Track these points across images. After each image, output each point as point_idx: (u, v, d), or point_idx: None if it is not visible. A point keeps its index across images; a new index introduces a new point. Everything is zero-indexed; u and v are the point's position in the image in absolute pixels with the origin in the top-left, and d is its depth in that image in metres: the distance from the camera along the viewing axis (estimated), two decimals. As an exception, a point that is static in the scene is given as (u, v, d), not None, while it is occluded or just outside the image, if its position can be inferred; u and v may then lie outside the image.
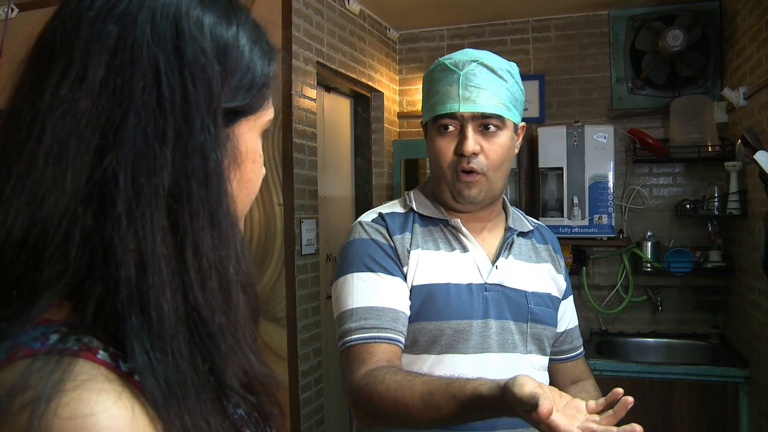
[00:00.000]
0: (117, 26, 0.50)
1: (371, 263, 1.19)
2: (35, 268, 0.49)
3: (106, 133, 0.49)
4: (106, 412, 0.45)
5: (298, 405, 2.53)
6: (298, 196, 2.55)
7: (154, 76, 0.50)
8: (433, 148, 1.24)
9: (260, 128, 0.61)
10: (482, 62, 1.19)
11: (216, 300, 0.52)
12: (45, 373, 0.45)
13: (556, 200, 3.21)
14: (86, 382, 0.45)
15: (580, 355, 1.41)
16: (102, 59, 0.50)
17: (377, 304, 1.16)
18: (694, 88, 3.16)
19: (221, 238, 0.52)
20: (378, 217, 1.26)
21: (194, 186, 0.51)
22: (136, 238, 0.48)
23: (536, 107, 3.46)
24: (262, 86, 0.59)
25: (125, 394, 0.47)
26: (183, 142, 0.50)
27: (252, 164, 0.60)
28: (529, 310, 1.24)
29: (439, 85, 1.21)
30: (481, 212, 1.27)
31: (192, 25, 0.53)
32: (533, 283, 1.27)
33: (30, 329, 0.48)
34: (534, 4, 3.27)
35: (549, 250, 1.36)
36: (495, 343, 1.19)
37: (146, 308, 0.48)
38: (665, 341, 3.19)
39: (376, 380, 1.06)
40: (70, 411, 0.44)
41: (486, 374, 1.14)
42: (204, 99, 0.52)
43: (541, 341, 1.26)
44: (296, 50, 2.53)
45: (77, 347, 0.48)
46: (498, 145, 1.20)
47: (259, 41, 0.59)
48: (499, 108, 1.19)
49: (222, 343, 0.52)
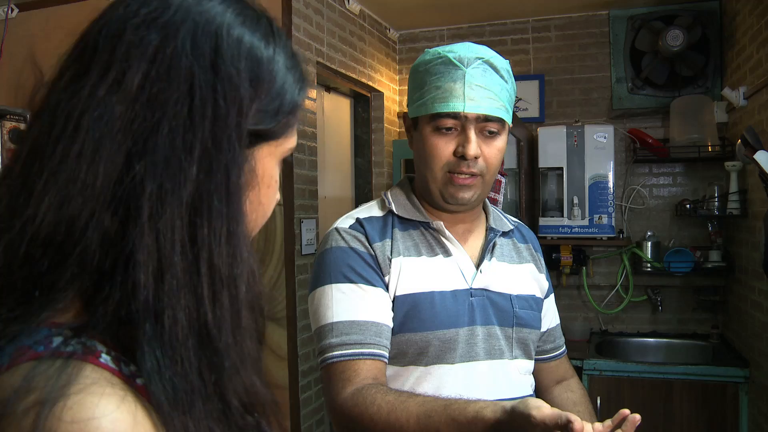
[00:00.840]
0: (159, 35, 0.51)
1: (351, 274, 1.13)
2: (59, 267, 0.49)
3: (138, 139, 0.49)
4: (109, 415, 0.45)
5: (298, 405, 2.53)
6: (298, 196, 2.55)
7: (188, 88, 0.51)
8: (427, 146, 1.16)
9: (280, 155, 0.61)
10: (488, 61, 1.13)
11: (224, 317, 0.52)
12: (49, 376, 0.45)
13: (556, 200, 3.21)
14: (89, 385, 0.46)
15: (563, 354, 1.39)
16: (141, 66, 0.50)
17: (359, 318, 1.10)
18: (694, 88, 3.16)
19: (236, 256, 0.53)
20: (356, 223, 1.19)
21: (215, 201, 0.51)
22: (156, 245, 0.49)
23: (536, 107, 3.46)
24: (289, 113, 0.59)
25: (128, 397, 0.47)
26: (209, 156, 0.51)
27: (267, 189, 0.60)
28: (514, 314, 1.20)
29: (439, 80, 1.13)
30: (465, 214, 1.23)
31: (231, 43, 0.53)
32: (517, 285, 1.24)
33: (34, 332, 0.48)
34: (534, 4, 3.27)
35: (530, 249, 1.33)
36: (482, 350, 1.16)
37: (160, 316, 0.49)
38: (665, 341, 3.19)
39: (366, 401, 1.01)
40: (73, 414, 0.44)
41: (474, 383, 1.14)
42: (233, 117, 0.52)
43: (527, 345, 1.23)
44: (296, 50, 2.53)
45: (81, 350, 0.48)
46: (497, 148, 1.17)
47: (294, 69, 0.60)
48: (500, 111, 1.14)
49: (226, 360, 0.52)
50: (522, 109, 3.45)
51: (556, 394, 1.33)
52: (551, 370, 1.36)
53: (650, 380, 2.71)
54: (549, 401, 1.33)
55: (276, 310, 2.48)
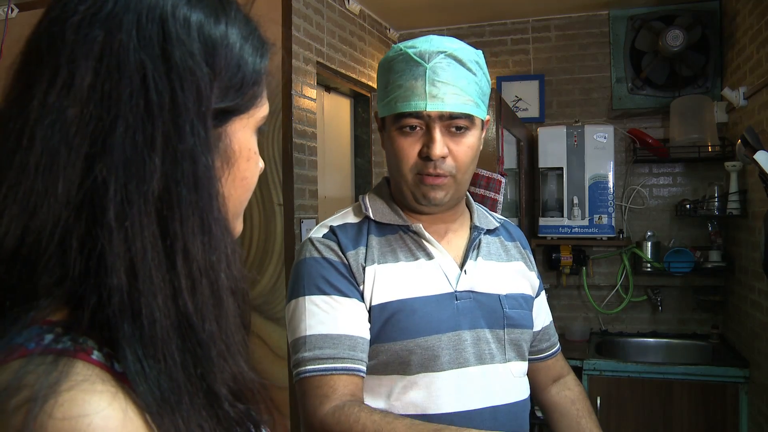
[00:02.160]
0: (102, 30, 0.49)
1: (324, 285, 1.09)
2: (29, 278, 0.49)
3: (95, 140, 0.48)
4: (100, 412, 0.45)
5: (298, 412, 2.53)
6: (298, 196, 2.55)
7: (141, 81, 0.49)
8: (393, 148, 1.11)
9: (254, 125, 0.60)
10: (450, 54, 1.07)
11: (206, 306, 0.51)
12: (40, 373, 0.45)
13: (556, 200, 3.21)
14: (81, 382, 0.45)
15: (558, 351, 1.36)
16: (89, 65, 0.49)
17: (332, 332, 1.06)
18: (694, 88, 3.16)
19: (212, 243, 0.52)
20: (329, 232, 1.15)
21: (184, 191, 0.50)
22: (126, 245, 0.48)
23: (536, 107, 3.46)
24: (254, 84, 0.57)
25: (119, 394, 0.47)
26: (172, 147, 0.50)
27: (246, 162, 0.59)
28: (504, 315, 1.16)
29: (401, 77, 1.08)
30: (445, 213, 1.18)
31: (179, 26, 0.51)
32: (506, 284, 1.19)
33: (25, 330, 0.48)
34: (534, 4, 3.27)
35: (518, 246, 1.28)
36: (472, 355, 1.11)
37: (138, 315, 0.48)
38: (665, 341, 3.19)
39: (350, 419, 0.98)
40: (65, 411, 0.44)
41: (466, 390, 1.10)
42: (193, 102, 0.51)
43: (520, 346, 1.18)
44: (296, 50, 2.53)
45: (72, 347, 0.47)
46: (467, 146, 1.10)
47: (250, 37, 0.57)
48: (468, 106, 1.07)
49: (212, 350, 0.51)
50: (522, 109, 3.45)
51: (554, 392, 1.32)
52: (547, 369, 1.33)
53: (650, 380, 2.71)
54: (547, 400, 1.32)
55: (276, 310, 2.48)
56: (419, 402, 1.09)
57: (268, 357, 2.46)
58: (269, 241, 2.49)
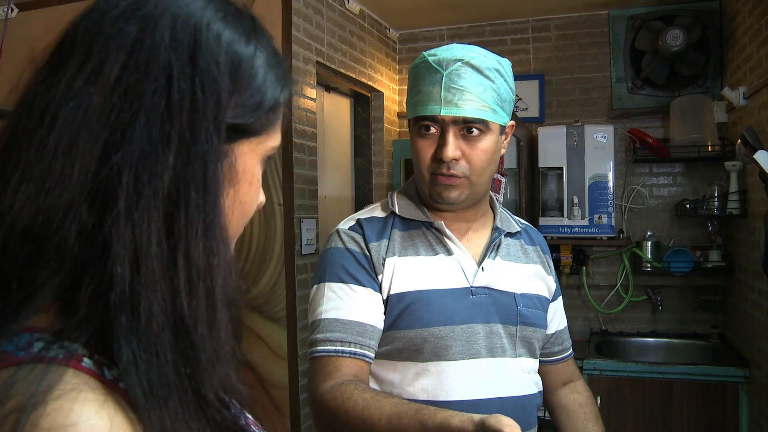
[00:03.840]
0: (138, 27, 0.51)
1: (343, 274, 1.17)
2: (37, 259, 0.49)
3: (115, 130, 0.49)
4: (87, 421, 0.45)
5: (298, 405, 2.53)
6: (298, 196, 2.55)
7: (166, 80, 0.51)
8: (413, 148, 1.20)
9: (262, 153, 0.60)
10: (468, 62, 1.13)
11: (200, 309, 0.52)
12: (29, 382, 0.45)
13: (556, 200, 3.21)
14: (69, 391, 0.45)
15: (570, 356, 1.40)
16: (119, 57, 0.50)
17: (344, 317, 1.14)
18: (694, 87, 3.16)
19: (212, 248, 0.52)
20: (356, 225, 1.24)
21: (192, 193, 0.51)
22: (132, 237, 0.48)
23: (536, 107, 3.46)
24: (270, 110, 0.59)
25: (108, 403, 0.47)
26: (186, 148, 0.51)
27: (248, 186, 0.59)
28: (518, 313, 1.21)
29: (421, 83, 1.16)
30: (466, 212, 1.24)
31: (210, 37, 0.53)
32: (522, 284, 1.24)
33: (15, 337, 0.48)
34: (534, 4, 3.27)
35: (538, 251, 1.33)
36: (483, 348, 1.16)
37: (136, 308, 0.48)
38: (665, 341, 3.19)
39: (344, 395, 1.05)
40: (51, 421, 0.44)
41: (475, 380, 1.15)
42: (211, 109, 0.52)
43: (531, 344, 1.23)
44: (296, 50, 2.53)
45: (62, 355, 0.47)
46: (481, 149, 1.15)
47: (276, 67, 0.59)
48: (482, 112, 1.13)
49: (202, 353, 0.52)
50: (522, 109, 3.45)
51: (562, 395, 1.35)
52: (558, 372, 1.37)
53: (650, 380, 2.71)
54: (555, 402, 1.35)
55: (276, 310, 2.48)
56: (430, 388, 1.14)
57: (268, 357, 2.46)
58: (269, 241, 2.49)
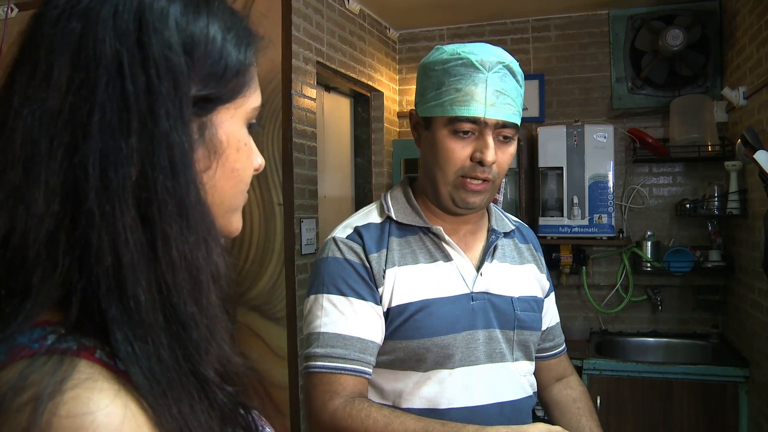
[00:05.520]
0: (80, 23, 0.50)
1: (343, 286, 1.14)
2: (21, 268, 0.49)
3: (74, 130, 0.49)
4: (103, 410, 0.45)
5: (298, 404, 2.53)
6: (298, 196, 2.55)
7: (117, 70, 0.50)
8: (442, 149, 1.13)
9: (244, 116, 0.60)
10: (507, 66, 1.13)
11: (186, 288, 0.52)
12: (44, 372, 0.46)
13: (556, 200, 3.21)
14: (84, 381, 0.46)
15: (563, 352, 1.40)
16: (66, 57, 0.50)
17: (346, 332, 1.11)
18: (694, 87, 3.16)
19: (189, 227, 0.52)
20: (353, 233, 1.19)
21: (160, 176, 0.51)
22: (109, 230, 0.49)
23: (536, 107, 3.46)
24: (237, 74, 0.58)
25: (122, 391, 0.47)
26: (148, 133, 0.50)
27: (236, 152, 0.59)
28: (515, 317, 1.20)
29: (459, 82, 1.10)
30: (468, 216, 1.22)
31: (155, 17, 0.52)
32: (519, 287, 1.24)
33: (28, 331, 0.49)
34: (534, 4, 3.27)
35: (531, 249, 1.33)
36: (482, 354, 1.16)
37: (125, 298, 0.49)
38: (665, 341, 3.19)
39: (362, 414, 1.03)
40: (69, 409, 0.44)
41: (474, 386, 1.15)
42: (169, 90, 0.51)
43: (528, 347, 1.24)
44: (296, 50, 2.53)
45: (75, 347, 0.48)
46: (509, 154, 1.16)
47: (234, 28, 0.58)
48: (516, 116, 1.15)
49: (193, 332, 0.52)
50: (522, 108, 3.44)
51: (555, 391, 1.35)
52: (551, 368, 1.37)
53: (650, 380, 2.71)
54: (548, 398, 1.35)
55: (276, 309, 2.48)
56: (431, 396, 1.14)
57: (268, 357, 2.46)
58: (269, 240, 2.49)
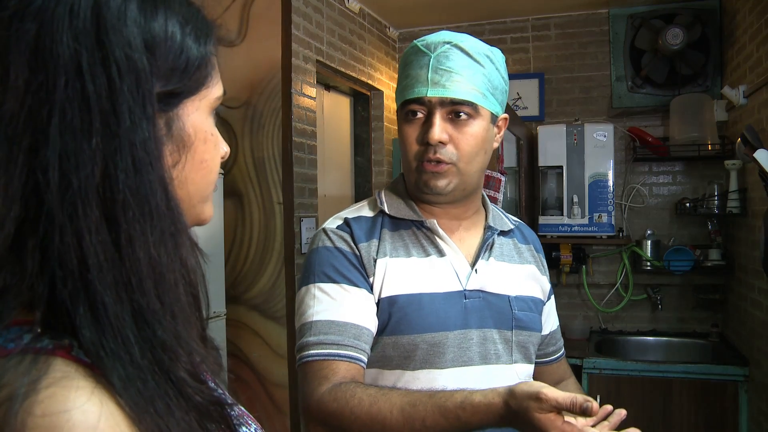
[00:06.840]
0: (35, 23, 0.49)
1: (334, 273, 1.11)
2: None
3: (35, 132, 0.48)
4: (80, 407, 0.45)
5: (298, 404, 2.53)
6: (298, 195, 2.55)
7: (76, 71, 0.49)
8: (400, 136, 1.14)
9: (208, 107, 0.60)
10: (456, 44, 1.09)
11: (150, 287, 0.51)
12: (19, 372, 0.45)
13: (555, 199, 3.21)
14: (60, 379, 0.46)
15: (563, 356, 1.38)
16: (23, 59, 0.48)
17: (339, 319, 1.07)
18: (694, 86, 3.16)
19: (154, 226, 0.52)
20: (343, 224, 1.16)
21: (122, 176, 0.50)
22: (73, 232, 0.48)
23: (536, 106, 3.45)
24: (199, 66, 0.57)
25: (98, 389, 0.47)
26: (111, 133, 0.50)
27: (204, 144, 0.59)
28: (513, 317, 1.16)
29: (409, 68, 1.11)
30: (457, 209, 1.18)
31: (112, 15, 0.50)
32: (517, 286, 1.19)
33: (4, 330, 0.49)
34: (534, 3, 3.27)
35: (531, 250, 1.28)
36: (476, 354, 1.12)
37: (92, 300, 0.49)
38: (665, 340, 3.19)
39: (347, 395, 0.99)
40: (44, 408, 0.44)
41: (466, 387, 1.08)
42: (130, 88, 0.51)
43: (527, 349, 1.19)
44: (296, 49, 2.53)
45: (51, 346, 0.48)
46: (469, 134, 1.10)
47: (192, 21, 0.57)
48: (472, 94, 1.08)
49: (163, 333, 0.51)
50: (522, 107, 3.45)
51: None
52: (552, 372, 1.35)
53: (650, 379, 2.71)
54: None
55: (276, 308, 2.48)
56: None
57: (268, 356, 2.46)
58: (269, 239, 2.49)
